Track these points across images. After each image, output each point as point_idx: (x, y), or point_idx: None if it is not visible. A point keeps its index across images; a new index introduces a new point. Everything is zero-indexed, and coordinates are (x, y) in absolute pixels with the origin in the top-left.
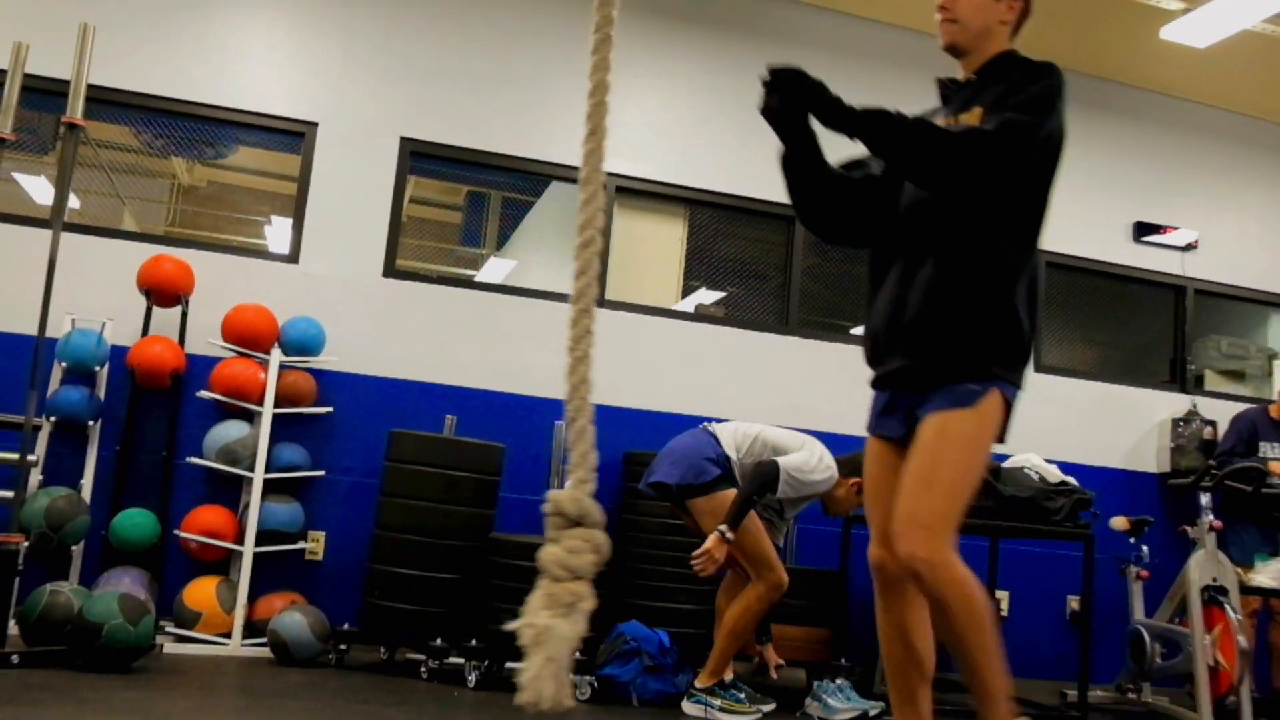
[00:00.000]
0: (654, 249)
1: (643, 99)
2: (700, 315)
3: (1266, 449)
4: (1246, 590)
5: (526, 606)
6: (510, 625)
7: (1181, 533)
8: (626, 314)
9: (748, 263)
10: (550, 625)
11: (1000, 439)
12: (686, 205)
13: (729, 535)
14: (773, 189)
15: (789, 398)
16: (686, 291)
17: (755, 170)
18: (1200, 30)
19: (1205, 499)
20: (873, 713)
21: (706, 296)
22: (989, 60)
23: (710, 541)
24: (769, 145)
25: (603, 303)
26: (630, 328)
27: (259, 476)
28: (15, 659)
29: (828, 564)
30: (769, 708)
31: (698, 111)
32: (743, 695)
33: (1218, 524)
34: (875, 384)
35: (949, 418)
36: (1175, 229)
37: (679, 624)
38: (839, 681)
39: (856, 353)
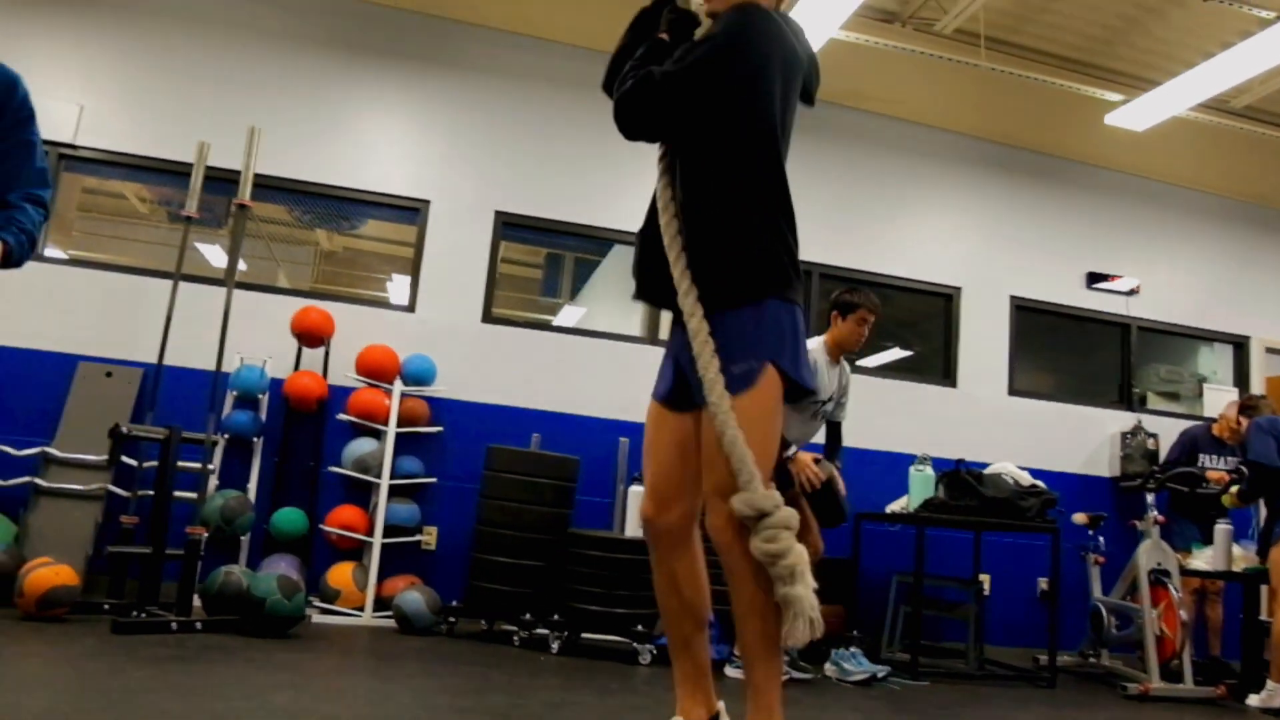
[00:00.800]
0: None
1: None
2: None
3: (1205, 460)
4: (1186, 572)
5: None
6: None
7: (1131, 526)
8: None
9: None
10: (787, 593)
11: (795, 392)
12: None
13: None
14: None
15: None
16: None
17: None
18: (1138, 116)
19: (1150, 498)
20: (880, 674)
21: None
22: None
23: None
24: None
25: (656, 341)
26: None
27: (385, 482)
28: (199, 625)
29: (842, 553)
30: (798, 674)
31: None
32: None
33: (1161, 518)
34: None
35: (740, 403)
36: (1120, 277)
37: (720, 602)
38: (852, 649)
39: (863, 380)
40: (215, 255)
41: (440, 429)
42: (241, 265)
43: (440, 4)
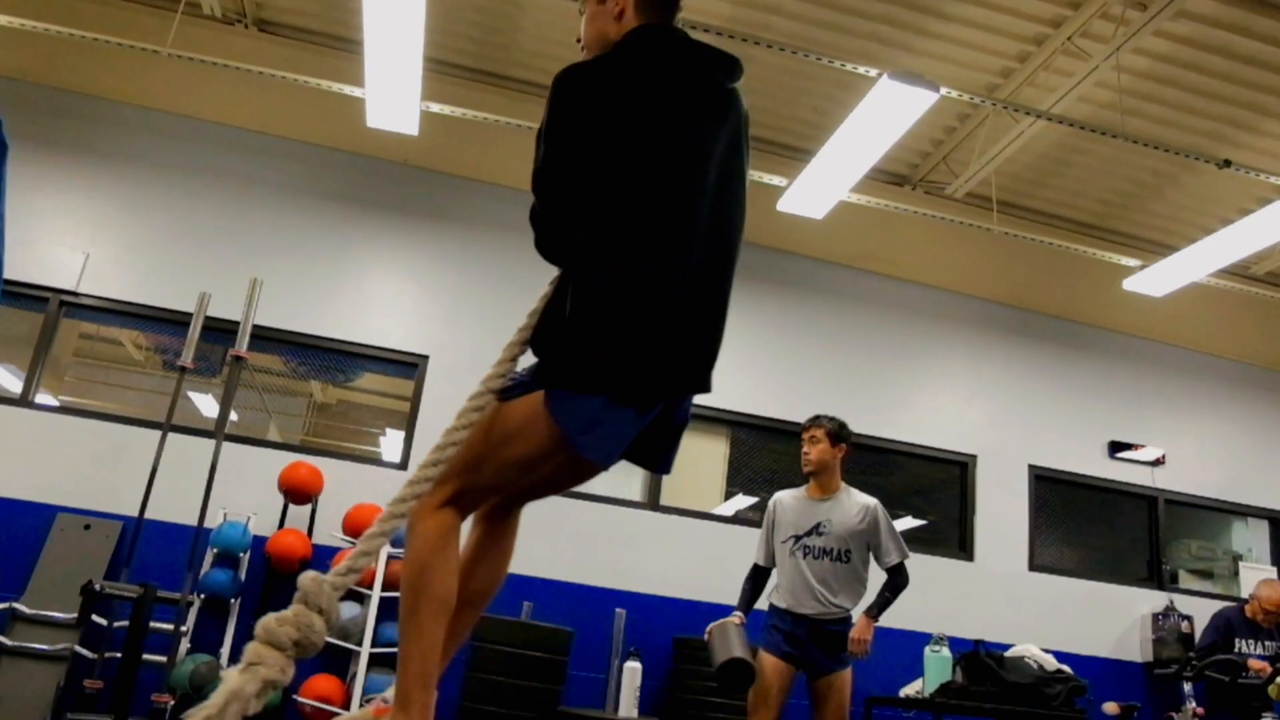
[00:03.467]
0: (701, 462)
1: None
2: (740, 518)
3: (1242, 645)
4: None
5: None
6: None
7: (1167, 718)
8: (677, 517)
9: (781, 473)
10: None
11: (570, 442)
12: (729, 425)
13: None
14: (801, 412)
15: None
16: (728, 497)
17: (788, 396)
18: (1156, 282)
19: (1188, 688)
20: None
21: (744, 501)
22: None
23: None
24: (800, 376)
25: (657, 507)
26: (680, 529)
27: (366, 650)
28: None
29: None
30: None
31: (740, 346)
32: None
33: (1200, 710)
34: None
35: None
36: (1144, 446)
37: None
38: None
39: None
40: (207, 405)
41: None
42: (233, 416)
43: (446, 160)
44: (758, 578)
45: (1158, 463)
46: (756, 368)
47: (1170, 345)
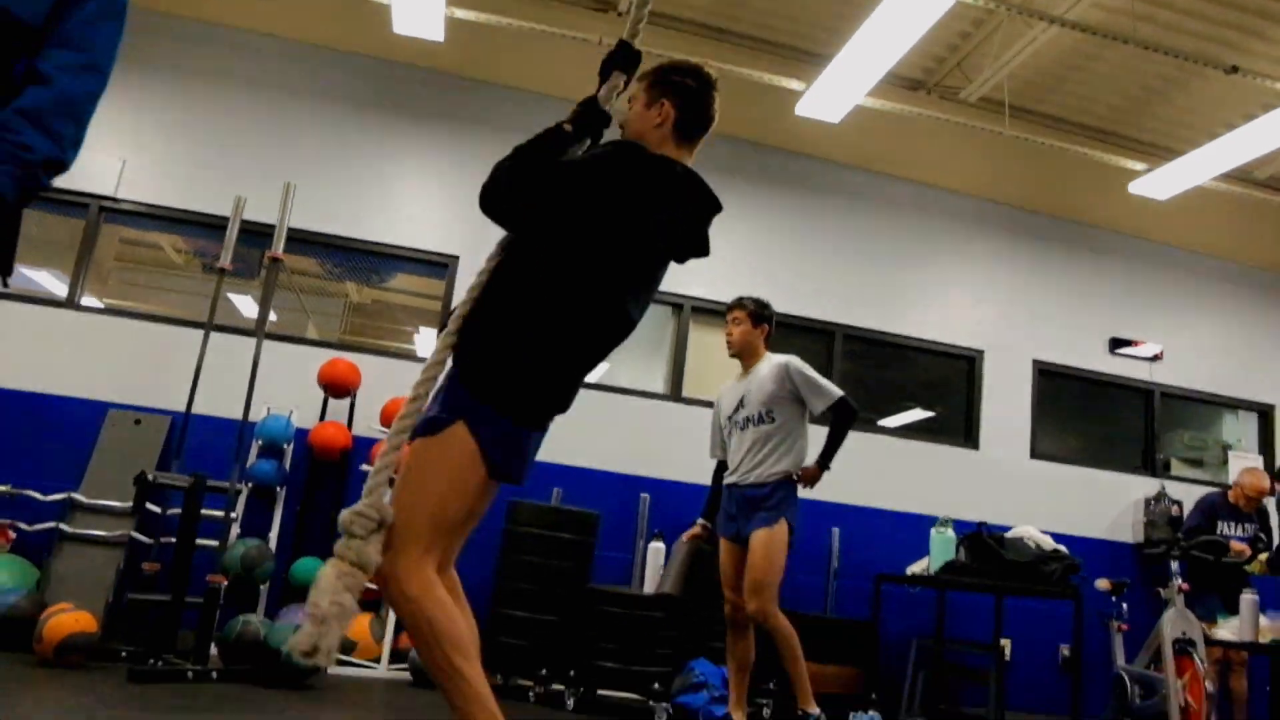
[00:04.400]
0: (721, 355)
1: (714, 236)
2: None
3: (1223, 527)
4: (1211, 643)
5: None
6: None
7: (1155, 593)
8: (698, 408)
9: None
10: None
11: (493, 470)
12: None
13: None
14: (819, 310)
15: (828, 476)
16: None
17: (804, 293)
18: (1161, 185)
19: (1175, 565)
20: None
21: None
22: None
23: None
24: (818, 275)
25: (679, 398)
26: (701, 418)
27: None
28: (215, 675)
29: (860, 613)
30: None
31: (758, 245)
32: None
33: (1185, 586)
34: None
35: (416, 445)
36: (1144, 343)
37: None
38: (870, 713)
39: (885, 441)
40: (246, 306)
41: None
42: (272, 316)
43: (474, 66)
44: (717, 474)
45: (1156, 358)
46: (774, 266)
47: (1172, 247)
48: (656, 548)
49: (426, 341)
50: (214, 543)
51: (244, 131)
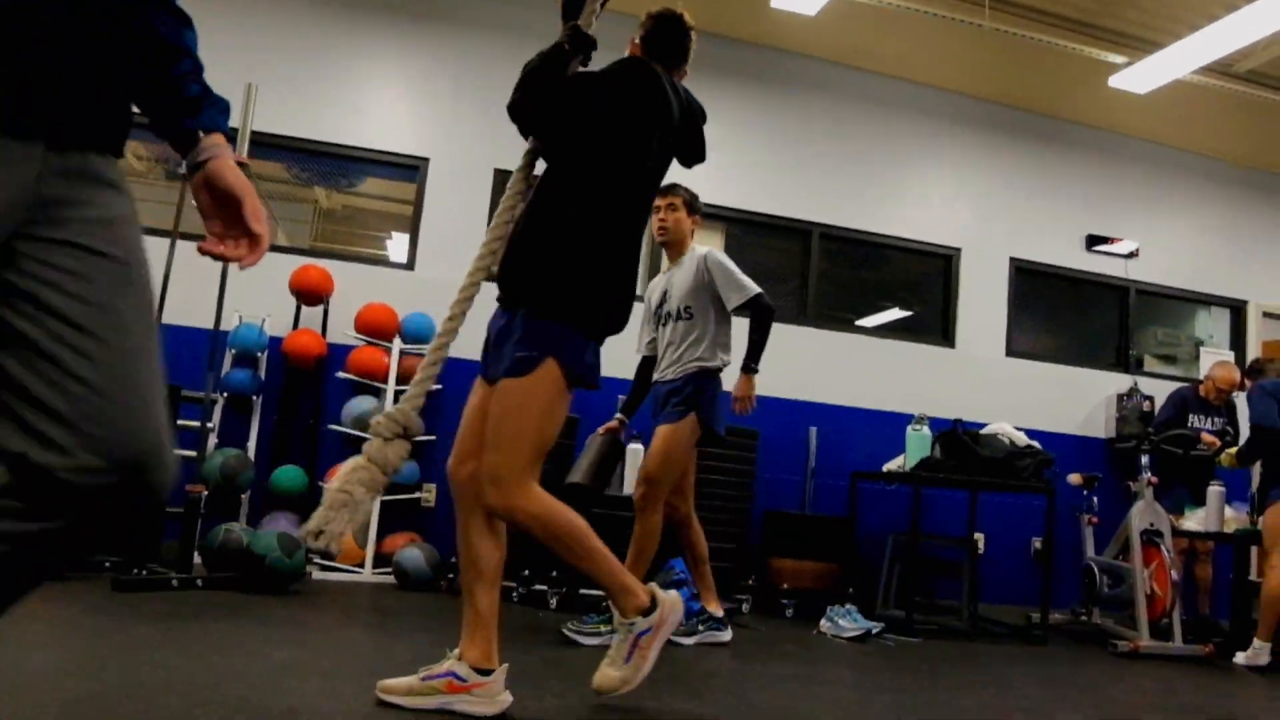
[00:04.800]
0: None
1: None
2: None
3: (1194, 420)
4: (1178, 533)
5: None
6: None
7: (1125, 487)
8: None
9: (773, 266)
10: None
11: (573, 386)
12: (725, 221)
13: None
14: (795, 208)
15: (805, 376)
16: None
17: (780, 192)
18: (1141, 79)
19: (1145, 459)
20: (874, 631)
21: None
22: None
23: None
24: (794, 173)
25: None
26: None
27: None
28: (199, 583)
29: (838, 512)
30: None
31: (732, 143)
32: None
33: (1154, 479)
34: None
35: (508, 385)
36: (1120, 240)
37: (716, 559)
38: (846, 606)
39: (862, 340)
40: None
41: (439, 387)
42: None
43: None
44: (642, 369)
45: (1132, 255)
46: (749, 164)
47: (1150, 142)
48: (634, 449)
49: (399, 247)
50: (192, 453)
51: (202, 31)
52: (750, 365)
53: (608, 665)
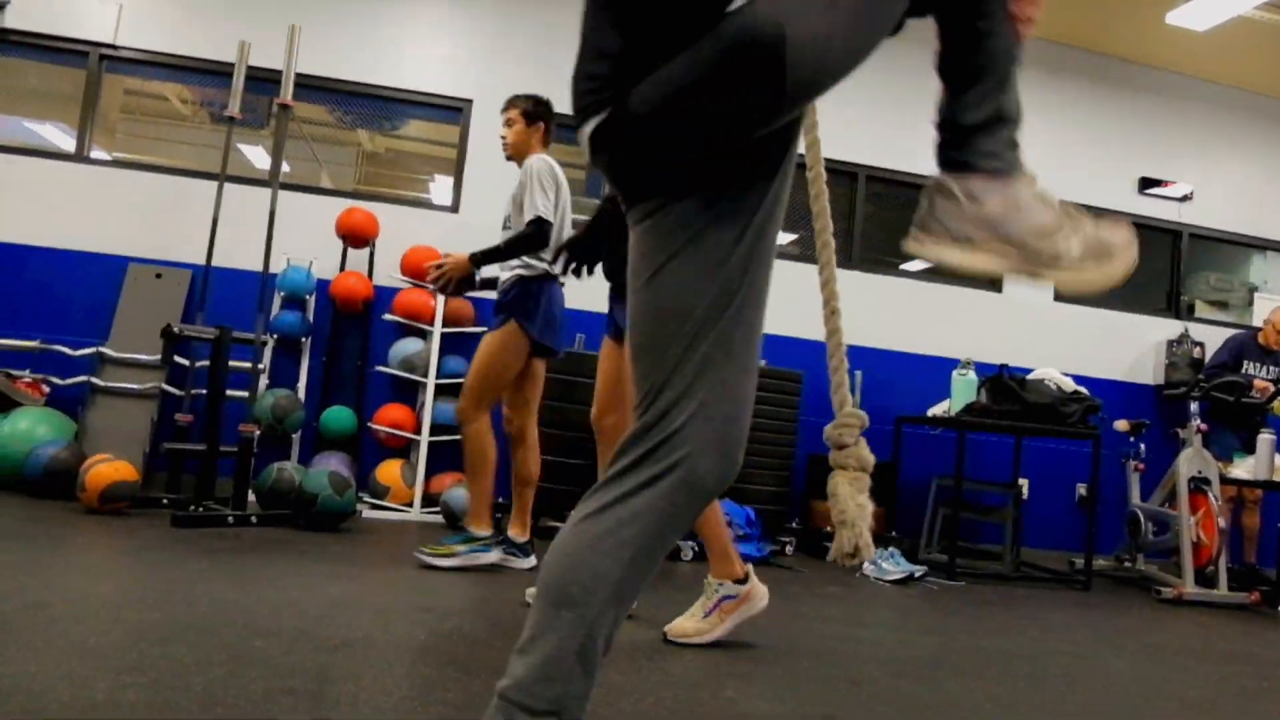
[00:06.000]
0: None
1: None
2: (780, 254)
3: (1249, 367)
4: (1225, 481)
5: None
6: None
7: (1173, 434)
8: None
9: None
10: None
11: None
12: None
13: None
14: (840, 150)
15: (850, 319)
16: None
17: (825, 134)
18: (1201, 16)
19: (1194, 406)
20: (917, 574)
21: (783, 237)
22: None
23: None
24: (838, 115)
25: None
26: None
27: (431, 381)
28: (254, 520)
29: (881, 455)
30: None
31: (863, 98)
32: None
33: (1203, 427)
34: None
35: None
36: (1174, 183)
37: (761, 502)
38: (890, 550)
39: (908, 284)
40: (257, 156)
41: (484, 329)
42: (285, 167)
43: None
44: None
45: (1185, 199)
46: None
47: (1208, 81)
48: None
49: (442, 190)
50: (243, 394)
51: None
52: (474, 254)
53: (686, 617)
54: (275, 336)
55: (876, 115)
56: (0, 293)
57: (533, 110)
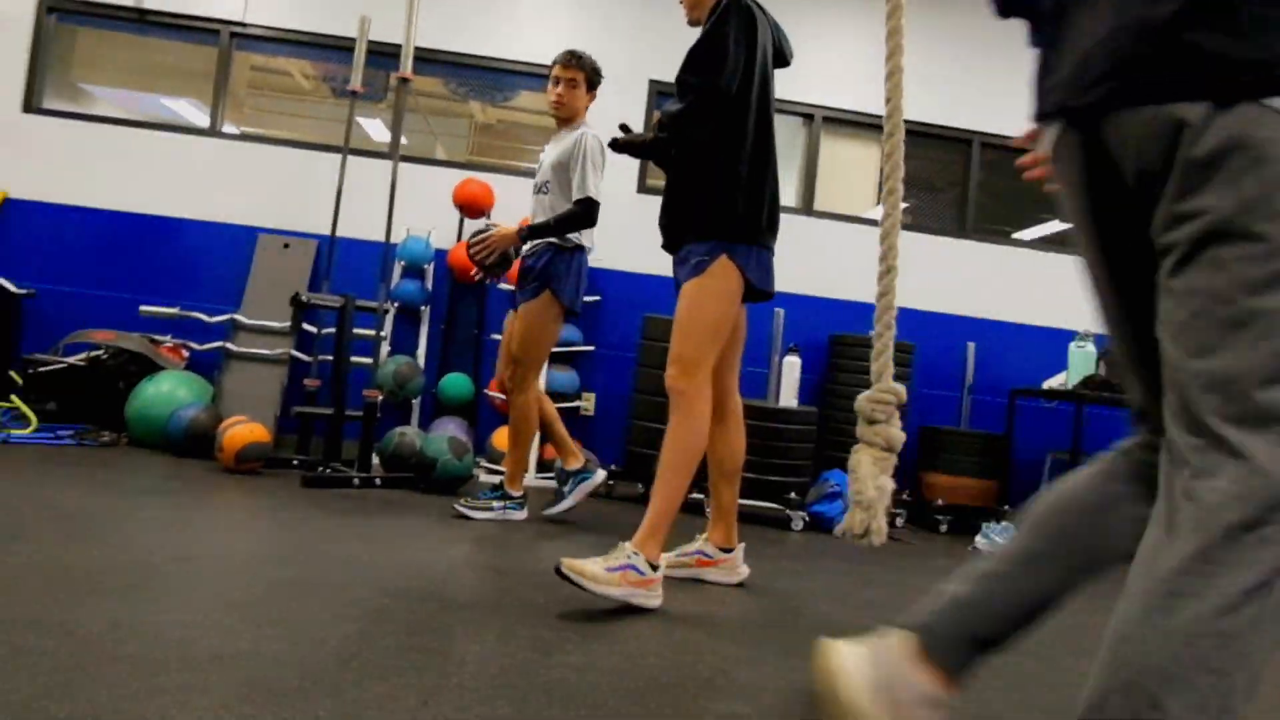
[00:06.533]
0: (853, 168)
1: (842, 43)
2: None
3: None
4: None
5: (860, 473)
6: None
7: None
8: (832, 221)
9: (931, 178)
10: (885, 484)
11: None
12: (880, 131)
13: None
14: (955, 117)
15: (963, 290)
16: (879, 201)
17: (940, 101)
18: None
19: None
20: None
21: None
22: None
23: None
24: (952, 80)
25: (811, 212)
26: (835, 233)
27: None
28: (378, 482)
29: (995, 428)
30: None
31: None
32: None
33: None
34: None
35: (686, 288)
36: None
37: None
38: (1002, 524)
39: (1022, 253)
40: (374, 129)
41: (598, 298)
42: (402, 139)
43: None
44: None
45: None
46: (905, 69)
47: None
48: (791, 361)
49: None
50: (367, 360)
51: None
52: (525, 230)
53: (594, 560)
54: (396, 305)
55: (991, 79)
56: (143, 262)
57: (594, 79)
